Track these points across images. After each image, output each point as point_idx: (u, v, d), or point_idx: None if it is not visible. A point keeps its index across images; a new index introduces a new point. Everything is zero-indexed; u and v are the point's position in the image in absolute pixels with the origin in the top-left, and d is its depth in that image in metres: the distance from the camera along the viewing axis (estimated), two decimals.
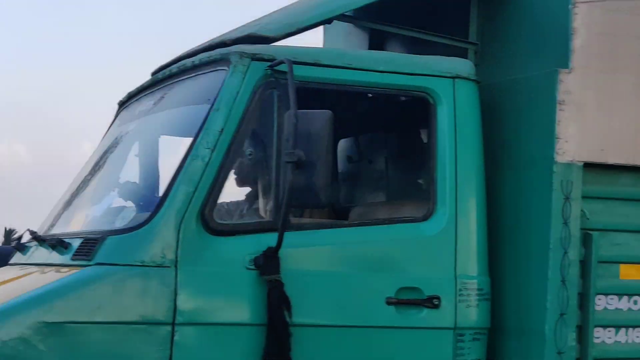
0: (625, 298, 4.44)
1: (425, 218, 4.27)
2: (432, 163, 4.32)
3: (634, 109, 4.42)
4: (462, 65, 4.45)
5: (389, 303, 4.12)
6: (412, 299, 4.15)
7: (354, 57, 4.33)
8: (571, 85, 4.29)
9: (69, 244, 4.04)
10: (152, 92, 4.73)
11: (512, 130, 4.52)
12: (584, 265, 4.32)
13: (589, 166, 4.32)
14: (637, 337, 4.46)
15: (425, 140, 4.67)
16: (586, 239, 4.32)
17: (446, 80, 4.36)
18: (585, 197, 4.31)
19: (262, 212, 4.19)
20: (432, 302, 4.17)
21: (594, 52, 4.36)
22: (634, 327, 4.45)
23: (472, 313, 4.26)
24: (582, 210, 4.30)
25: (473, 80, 4.43)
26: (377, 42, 5.69)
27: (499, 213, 4.50)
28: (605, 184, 4.40)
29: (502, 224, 4.48)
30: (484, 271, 4.34)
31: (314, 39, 6.69)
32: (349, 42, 5.96)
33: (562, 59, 4.34)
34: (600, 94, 4.37)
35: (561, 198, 4.25)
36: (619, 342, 4.43)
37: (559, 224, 4.24)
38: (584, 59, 4.33)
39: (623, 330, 4.44)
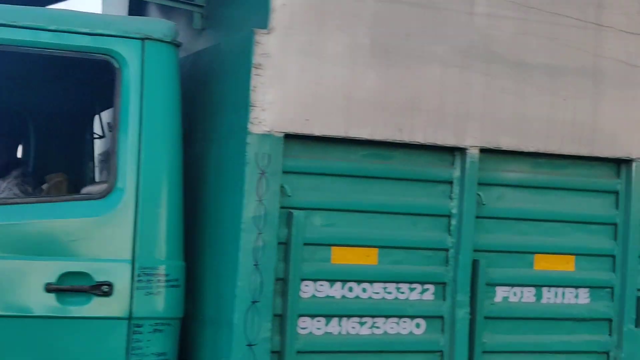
0: (338, 284, 3.99)
1: (102, 196, 3.82)
2: (114, 135, 3.86)
3: (346, 75, 3.94)
4: (156, 26, 3.97)
5: (48, 290, 3.66)
6: (76, 286, 3.70)
7: (21, 13, 3.83)
8: (270, 48, 3.83)
9: None
10: None
11: (217, 98, 4.08)
12: (286, 247, 3.88)
13: (291, 137, 3.86)
14: (353, 327, 4.02)
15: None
16: (288, 219, 3.87)
17: (133, 42, 3.89)
18: (287, 172, 3.86)
19: None
20: (101, 290, 3.72)
21: (299, 11, 3.88)
22: (348, 316, 4.00)
23: (154, 301, 3.81)
24: (282, 187, 3.85)
25: (169, 42, 3.96)
26: (136, 10, 5.27)
27: (202, 191, 4.06)
28: (312, 157, 3.94)
29: (205, 204, 4.05)
30: (174, 255, 3.89)
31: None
32: (117, 10, 5.54)
33: (263, 19, 3.88)
34: (305, 58, 3.89)
35: (256, 173, 3.80)
36: (331, 333, 3.98)
37: (252, 201, 3.78)
38: (287, 19, 3.86)
39: (336, 320, 3.99)
